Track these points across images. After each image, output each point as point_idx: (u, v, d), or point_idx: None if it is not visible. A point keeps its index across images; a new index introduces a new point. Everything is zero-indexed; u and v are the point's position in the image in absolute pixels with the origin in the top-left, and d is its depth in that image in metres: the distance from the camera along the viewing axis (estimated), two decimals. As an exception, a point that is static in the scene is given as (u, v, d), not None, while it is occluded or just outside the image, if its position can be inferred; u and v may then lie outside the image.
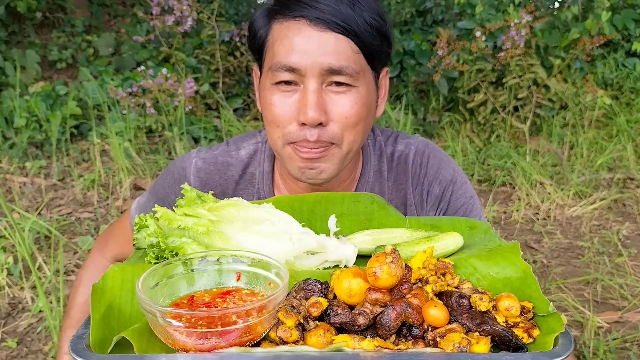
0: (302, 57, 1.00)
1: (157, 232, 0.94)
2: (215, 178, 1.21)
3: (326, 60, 1.00)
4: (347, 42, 1.01)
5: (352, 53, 1.02)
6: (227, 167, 1.22)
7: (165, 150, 3.98)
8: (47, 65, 5.37)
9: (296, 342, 0.73)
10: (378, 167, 1.23)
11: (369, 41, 1.03)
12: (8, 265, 2.55)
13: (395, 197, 1.22)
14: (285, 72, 1.02)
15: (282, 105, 1.05)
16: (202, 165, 1.22)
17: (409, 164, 1.22)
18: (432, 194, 1.21)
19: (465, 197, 1.22)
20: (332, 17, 0.99)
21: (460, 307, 0.78)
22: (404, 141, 1.24)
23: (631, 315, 2.24)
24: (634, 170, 3.60)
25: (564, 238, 2.94)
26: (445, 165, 1.22)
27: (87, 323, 0.77)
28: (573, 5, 4.35)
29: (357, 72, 1.03)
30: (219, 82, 4.45)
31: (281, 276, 0.79)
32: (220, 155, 1.23)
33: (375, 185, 1.22)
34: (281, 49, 1.02)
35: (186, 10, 4.18)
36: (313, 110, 1.01)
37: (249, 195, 1.21)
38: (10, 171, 3.72)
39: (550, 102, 3.98)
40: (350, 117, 1.05)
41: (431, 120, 4.27)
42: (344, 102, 1.04)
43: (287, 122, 1.05)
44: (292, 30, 1.02)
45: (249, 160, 1.22)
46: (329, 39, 1.00)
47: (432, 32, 4.94)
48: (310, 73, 1.01)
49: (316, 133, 1.04)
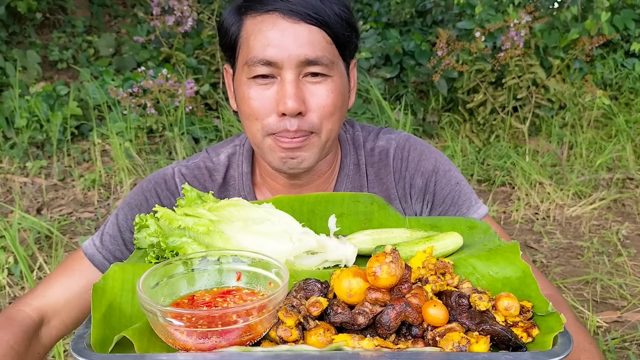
0: (278, 50, 1.02)
1: (158, 231, 0.94)
2: (201, 182, 1.23)
3: (302, 51, 1.02)
4: (320, 33, 1.04)
5: (326, 44, 1.05)
6: (210, 172, 1.24)
7: (165, 150, 3.98)
8: (47, 66, 5.37)
9: (296, 341, 0.73)
10: (356, 160, 1.24)
11: (340, 31, 1.06)
12: (9, 265, 2.56)
13: (378, 192, 1.23)
14: (263, 66, 1.04)
15: (260, 98, 1.07)
16: (186, 171, 1.23)
17: (390, 158, 1.23)
18: (415, 187, 1.22)
19: (451, 185, 1.22)
20: (305, 9, 1.02)
21: (460, 307, 0.78)
22: (385, 137, 1.26)
23: (630, 315, 2.24)
24: (633, 170, 3.60)
25: (564, 238, 2.94)
26: (426, 156, 1.23)
27: (87, 322, 0.78)
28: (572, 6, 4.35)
29: (331, 62, 1.06)
30: (220, 83, 4.45)
31: (281, 276, 0.79)
32: (202, 161, 1.25)
33: (355, 179, 1.24)
34: (256, 43, 1.04)
35: (186, 10, 4.18)
36: (292, 101, 1.03)
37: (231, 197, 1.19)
38: (11, 171, 3.72)
39: (550, 103, 3.98)
40: (327, 106, 1.07)
41: (431, 121, 4.28)
42: (321, 91, 1.06)
43: (266, 114, 1.07)
44: (266, 24, 1.03)
45: (228, 164, 1.24)
46: (303, 30, 1.03)
47: (431, 33, 4.94)
48: (287, 65, 1.03)
49: (296, 123, 1.06)
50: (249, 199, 1.23)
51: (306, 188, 1.22)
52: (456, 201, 1.22)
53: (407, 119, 3.92)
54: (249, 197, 1.23)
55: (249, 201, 1.13)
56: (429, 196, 1.22)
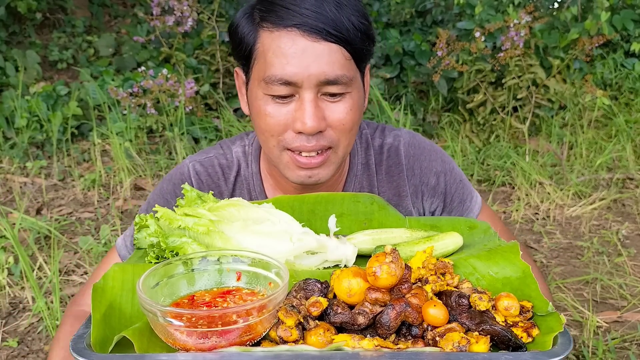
0: (297, 69, 1.00)
1: (158, 232, 0.94)
2: (214, 181, 1.24)
3: (322, 71, 1.00)
4: (340, 51, 1.02)
5: (345, 60, 1.02)
6: (224, 170, 1.24)
7: (165, 150, 3.98)
8: (47, 66, 5.37)
9: (296, 341, 0.73)
10: (365, 160, 1.25)
11: (359, 46, 1.04)
12: (9, 265, 2.56)
13: (388, 189, 1.24)
14: (282, 86, 1.02)
15: (276, 115, 1.05)
16: (201, 168, 1.24)
17: (401, 156, 1.24)
18: (428, 185, 1.24)
19: (457, 183, 1.26)
20: (324, 26, 0.99)
21: (460, 307, 0.78)
22: (392, 133, 1.26)
23: (630, 315, 2.24)
24: (633, 170, 3.60)
25: (564, 238, 2.94)
26: (435, 155, 1.26)
27: (87, 323, 0.78)
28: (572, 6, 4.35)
29: (350, 80, 1.04)
30: (220, 83, 4.45)
31: (281, 276, 0.79)
32: (216, 158, 1.25)
33: (364, 179, 1.24)
34: (275, 61, 1.01)
35: (186, 10, 4.18)
36: (312, 121, 1.02)
37: (242, 196, 1.23)
38: (11, 171, 3.72)
39: (550, 103, 3.98)
40: (346, 123, 1.07)
41: (431, 121, 4.28)
42: (340, 109, 1.05)
43: (282, 130, 1.06)
44: (285, 41, 1.00)
45: (239, 162, 1.25)
46: (323, 49, 1.00)
47: (431, 33, 4.94)
48: (306, 85, 1.01)
49: (314, 139, 1.05)
50: (260, 198, 1.24)
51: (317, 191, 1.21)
52: (463, 198, 1.27)
53: (407, 119, 3.92)
54: (260, 197, 1.23)
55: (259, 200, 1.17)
56: (441, 196, 1.25)
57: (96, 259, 2.67)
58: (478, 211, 1.28)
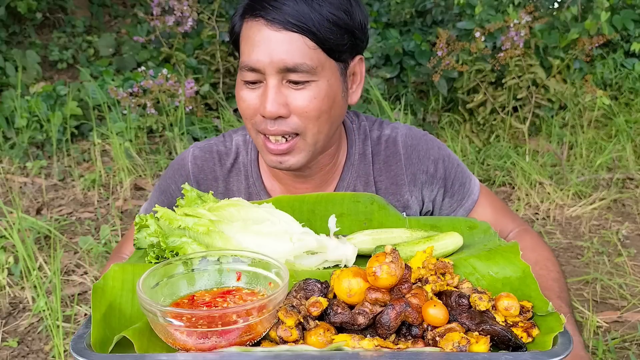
0: (260, 57, 1.07)
1: (158, 232, 0.94)
2: (210, 165, 1.30)
3: (281, 59, 1.06)
4: (302, 39, 1.06)
5: (308, 49, 1.07)
6: (221, 156, 1.31)
7: (165, 150, 3.98)
8: (47, 66, 5.37)
9: (296, 341, 0.73)
10: (362, 150, 1.29)
11: (326, 36, 1.07)
12: (9, 265, 2.56)
13: (385, 178, 1.28)
14: (249, 72, 1.09)
15: (248, 100, 1.13)
16: (199, 153, 1.31)
17: (399, 146, 1.28)
18: (427, 173, 1.28)
19: (455, 168, 1.31)
20: (288, 17, 1.05)
21: (460, 307, 0.78)
22: (390, 126, 1.32)
23: (630, 315, 2.24)
24: (633, 170, 3.60)
25: (564, 238, 2.94)
26: (431, 144, 1.30)
27: (87, 323, 0.78)
28: (572, 6, 4.35)
29: (313, 68, 1.08)
30: (219, 83, 4.45)
31: (281, 276, 0.79)
32: (215, 145, 1.32)
33: (361, 168, 1.28)
34: (245, 48, 1.10)
35: (186, 10, 4.18)
36: (271, 105, 1.08)
37: (238, 182, 1.29)
38: (11, 171, 3.72)
39: (550, 103, 3.98)
40: (310, 111, 1.10)
41: (431, 121, 4.28)
42: (303, 96, 1.09)
43: (252, 114, 1.13)
44: (253, 31, 1.08)
45: (238, 150, 1.31)
46: (284, 38, 1.06)
47: (431, 33, 4.94)
48: (269, 71, 1.07)
49: (275, 124, 1.11)
50: (257, 184, 1.29)
51: (311, 179, 1.26)
52: (462, 181, 1.32)
53: (407, 119, 3.92)
54: (257, 183, 1.28)
55: (257, 186, 1.27)
56: (440, 181, 1.29)
57: (96, 259, 2.67)
58: (478, 192, 1.33)
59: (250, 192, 1.28)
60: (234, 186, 1.29)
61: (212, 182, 1.29)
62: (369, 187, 1.27)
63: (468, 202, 1.31)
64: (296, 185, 1.27)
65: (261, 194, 1.28)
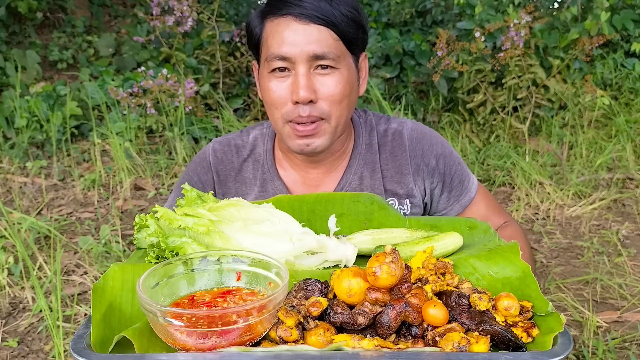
0: (291, 47, 1.20)
1: (158, 232, 0.94)
2: (228, 157, 1.44)
3: (311, 48, 1.20)
4: (328, 32, 1.21)
5: (333, 41, 1.22)
6: (238, 148, 1.45)
7: (165, 150, 3.98)
8: (47, 66, 5.37)
9: (296, 341, 0.73)
10: (369, 140, 1.42)
11: (346, 30, 1.23)
12: (9, 265, 2.56)
13: (391, 167, 1.40)
14: (279, 61, 1.22)
15: (278, 90, 1.25)
16: (219, 146, 1.46)
17: (405, 138, 1.40)
18: (429, 165, 1.40)
19: (455, 165, 1.43)
20: (314, 12, 1.20)
21: (460, 307, 0.78)
22: (397, 120, 1.45)
23: (630, 315, 2.24)
24: (633, 170, 3.60)
25: (564, 238, 2.94)
26: (435, 140, 1.43)
27: (87, 323, 0.78)
28: (572, 6, 4.35)
29: (337, 56, 1.22)
30: (219, 83, 4.45)
31: (281, 276, 0.79)
32: (233, 139, 1.47)
33: (367, 157, 1.40)
34: (274, 42, 1.22)
35: (186, 10, 4.18)
36: (304, 90, 1.20)
37: (254, 169, 1.42)
38: (11, 171, 3.72)
39: (550, 103, 3.98)
40: (335, 95, 1.24)
41: (431, 121, 4.28)
42: (330, 82, 1.23)
43: (283, 103, 1.25)
44: (282, 26, 1.22)
45: (255, 142, 1.45)
46: (313, 30, 1.20)
47: (431, 33, 4.94)
48: (299, 60, 1.21)
49: (307, 109, 1.23)
50: (272, 170, 1.41)
51: (322, 164, 1.38)
52: (462, 178, 1.43)
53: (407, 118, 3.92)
54: (272, 169, 1.41)
55: (271, 172, 1.40)
56: (439, 176, 1.41)
57: (96, 259, 2.67)
58: (476, 190, 1.45)
59: (265, 177, 1.40)
60: (248, 174, 1.42)
61: (230, 172, 1.43)
62: (375, 174, 1.38)
63: (465, 199, 1.43)
64: (308, 170, 1.39)
65: (274, 179, 1.39)
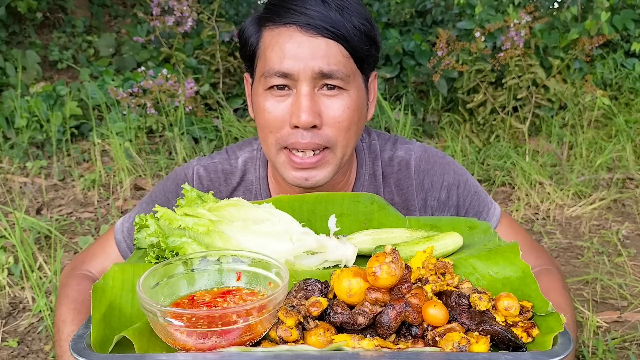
0: (294, 62, 1.02)
1: (158, 232, 0.94)
2: (215, 185, 1.25)
3: (317, 64, 1.02)
4: (337, 47, 1.03)
5: (342, 57, 1.04)
6: (226, 175, 1.26)
7: (165, 150, 3.98)
8: (47, 66, 5.37)
9: (296, 341, 0.73)
10: (372, 170, 1.25)
11: (358, 45, 1.05)
12: (9, 265, 2.56)
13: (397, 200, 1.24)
14: (279, 78, 1.04)
15: (275, 110, 1.06)
16: (204, 173, 1.25)
17: (412, 170, 1.24)
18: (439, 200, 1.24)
19: (471, 195, 1.25)
20: (322, 23, 1.01)
21: (460, 307, 0.78)
22: (404, 147, 1.26)
23: (630, 315, 2.24)
24: (633, 170, 3.60)
25: (564, 238, 2.94)
26: (447, 169, 1.25)
27: (87, 322, 0.78)
28: (572, 6, 4.35)
29: (347, 76, 1.05)
30: (219, 83, 4.45)
31: (281, 276, 0.79)
32: (220, 164, 1.26)
33: (371, 189, 1.25)
34: (273, 55, 1.04)
35: (186, 10, 4.18)
36: (306, 114, 1.03)
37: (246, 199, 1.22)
38: (11, 171, 3.72)
39: (550, 103, 3.98)
40: (343, 121, 1.07)
41: (431, 121, 4.28)
42: (336, 105, 1.06)
43: (279, 126, 1.07)
44: (283, 37, 1.03)
45: (245, 168, 1.26)
46: (320, 43, 1.02)
47: (431, 33, 4.94)
48: (302, 77, 1.03)
49: (308, 136, 1.06)
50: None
51: None
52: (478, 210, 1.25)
53: (407, 119, 3.92)
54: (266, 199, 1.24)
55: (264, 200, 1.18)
56: (451, 209, 1.24)
57: (96, 259, 2.67)
58: (496, 222, 1.25)
59: None
60: None
61: None
62: None
63: None
64: None
65: None
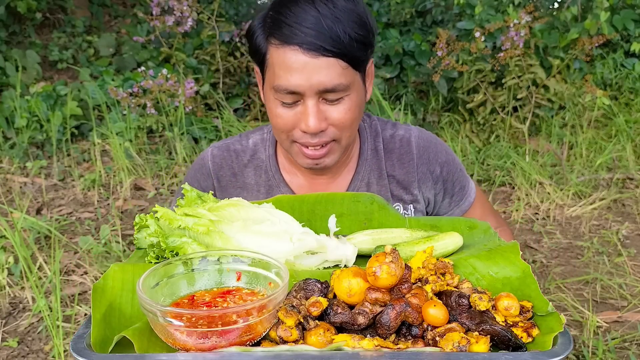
0: (300, 81, 1.16)
1: (158, 232, 0.94)
2: (228, 162, 1.42)
3: (321, 82, 1.16)
4: (337, 63, 1.16)
5: (342, 69, 1.17)
6: (237, 153, 1.43)
7: (165, 150, 3.98)
8: (47, 66, 5.37)
9: (296, 341, 0.73)
10: (374, 146, 1.42)
11: (356, 55, 1.18)
12: (9, 265, 2.56)
13: (398, 173, 1.40)
14: (288, 95, 1.18)
15: (286, 116, 1.22)
16: (217, 152, 1.44)
17: (412, 146, 1.40)
18: (434, 174, 1.41)
19: (457, 172, 1.45)
20: (322, 43, 1.14)
21: (460, 307, 0.78)
22: (403, 127, 1.45)
23: (630, 315, 2.24)
24: (633, 170, 3.60)
25: (564, 238, 2.94)
26: (440, 147, 1.44)
27: (87, 323, 0.78)
28: (572, 6, 4.35)
29: (347, 86, 1.19)
30: (219, 83, 4.45)
31: (281, 276, 0.79)
32: (232, 144, 1.44)
33: (373, 162, 1.40)
34: (281, 74, 1.17)
35: (186, 10, 4.18)
36: (314, 123, 1.18)
37: (257, 175, 1.41)
38: (11, 171, 3.72)
39: (550, 103, 3.98)
40: (346, 121, 1.22)
41: (431, 121, 4.28)
42: (340, 110, 1.21)
43: (290, 129, 1.23)
44: (289, 57, 1.16)
45: (256, 147, 1.43)
46: (321, 63, 1.15)
47: (431, 33, 4.94)
48: (308, 93, 1.17)
49: (317, 137, 1.21)
50: (277, 177, 1.39)
51: (328, 170, 1.36)
52: (463, 184, 1.47)
53: (407, 119, 3.92)
54: (277, 176, 1.39)
55: (277, 179, 1.39)
56: (443, 183, 1.43)
57: (96, 259, 2.67)
58: (474, 194, 1.49)
59: (270, 184, 1.39)
60: (251, 180, 1.40)
61: (231, 178, 1.41)
62: (382, 180, 1.39)
63: (465, 204, 1.46)
64: (314, 177, 1.38)
65: (281, 185, 1.38)
